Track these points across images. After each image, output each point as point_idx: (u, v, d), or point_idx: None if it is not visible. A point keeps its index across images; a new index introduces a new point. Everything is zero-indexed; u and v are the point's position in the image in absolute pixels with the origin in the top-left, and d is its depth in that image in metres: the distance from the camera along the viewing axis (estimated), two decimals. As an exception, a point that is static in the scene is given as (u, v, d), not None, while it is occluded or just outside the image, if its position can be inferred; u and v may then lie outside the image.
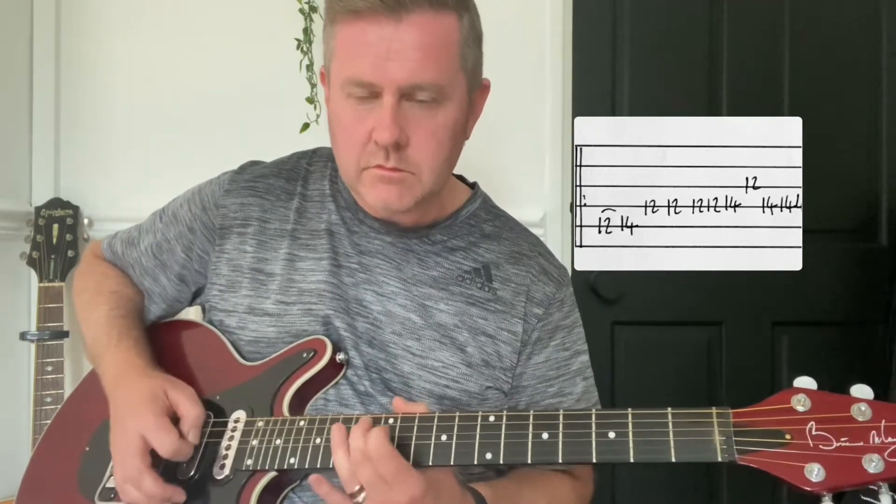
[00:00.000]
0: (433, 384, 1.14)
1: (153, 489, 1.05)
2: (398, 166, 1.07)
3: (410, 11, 1.02)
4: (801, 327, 2.24)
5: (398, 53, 1.03)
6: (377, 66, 1.03)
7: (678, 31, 2.22)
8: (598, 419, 0.92)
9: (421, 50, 1.03)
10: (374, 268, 1.19)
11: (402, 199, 1.09)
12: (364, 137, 1.06)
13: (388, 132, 1.04)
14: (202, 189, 1.30)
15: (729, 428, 0.85)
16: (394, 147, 1.05)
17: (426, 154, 1.08)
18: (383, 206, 1.10)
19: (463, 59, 1.09)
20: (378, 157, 1.07)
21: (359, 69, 1.04)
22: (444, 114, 1.08)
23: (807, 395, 0.83)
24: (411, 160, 1.08)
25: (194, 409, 1.09)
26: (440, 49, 1.05)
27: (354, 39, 1.05)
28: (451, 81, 1.08)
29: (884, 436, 0.79)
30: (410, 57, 1.03)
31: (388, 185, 1.08)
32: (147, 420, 1.07)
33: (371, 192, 1.10)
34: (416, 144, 1.07)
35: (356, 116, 1.07)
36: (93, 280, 1.34)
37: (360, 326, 1.16)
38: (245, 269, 1.21)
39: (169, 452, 1.06)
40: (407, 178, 1.08)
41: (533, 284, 1.20)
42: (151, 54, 2.09)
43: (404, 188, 1.09)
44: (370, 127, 1.05)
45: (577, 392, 1.22)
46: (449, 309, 1.17)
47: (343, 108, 1.09)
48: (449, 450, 0.96)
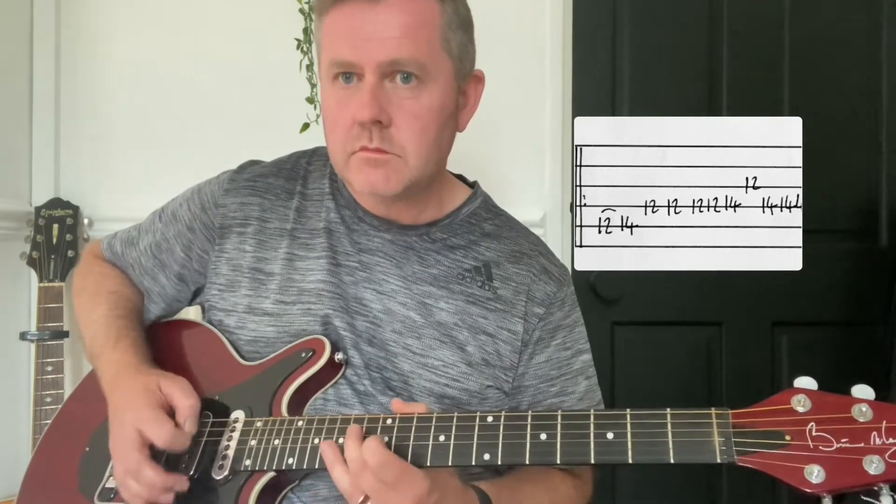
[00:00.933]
0: (433, 383, 1.13)
1: (154, 479, 1.04)
2: (381, 146, 1.07)
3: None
4: (801, 327, 2.24)
5: (377, 32, 1.05)
6: (356, 46, 1.05)
7: (678, 31, 2.22)
8: (597, 420, 0.91)
9: (399, 28, 1.05)
10: (374, 266, 1.18)
11: (388, 181, 1.09)
12: (349, 121, 1.07)
13: (367, 109, 1.04)
14: (202, 188, 1.30)
15: (728, 429, 0.85)
16: (375, 126, 1.06)
17: (410, 135, 1.08)
18: (370, 189, 1.10)
19: (445, 41, 1.10)
20: (363, 139, 1.07)
21: (340, 50, 1.07)
22: (427, 95, 1.08)
23: (807, 395, 0.83)
24: (395, 141, 1.08)
25: (188, 399, 1.09)
26: (419, 28, 1.07)
27: (336, 24, 1.08)
28: (434, 62, 1.08)
29: (885, 437, 0.78)
30: (389, 35, 1.05)
31: (374, 168, 1.08)
32: (141, 413, 1.07)
33: (358, 176, 1.10)
34: (399, 125, 1.07)
35: (341, 102, 1.09)
36: (92, 280, 1.34)
37: (360, 325, 1.16)
38: (244, 269, 1.21)
39: (165, 442, 1.05)
40: (392, 160, 1.08)
41: (534, 284, 1.20)
42: (151, 54, 2.09)
43: (390, 170, 1.09)
44: (354, 110, 1.06)
45: (580, 391, 1.22)
46: (449, 307, 1.17)
47: (329, 94, 1.11)
48: (447, 450, 0.96)
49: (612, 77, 2.22)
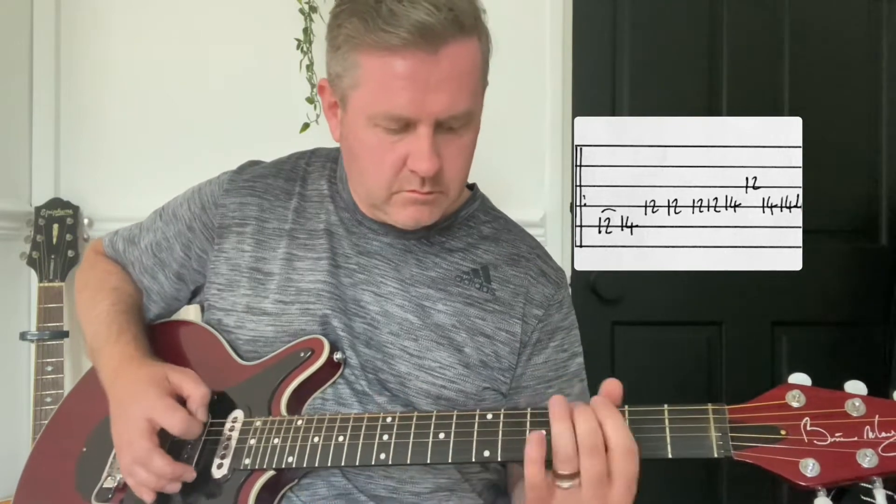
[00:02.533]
0: (430, 384, 1.14)
1: (164, 468, 1.04)
2: (432, 189, 1.09)
3: (447, 43, 1.02)
4: (800, 327, 2.24)
5: (436, 86, 1.03)
6: (415, 101, 1.03)
7: (678, 32, 2.23)
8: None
9: (456, 81, 1.04)
10: (373, 268, 1.19)
11: (432, 215, 1.13)
12: (397, 164, 1.07)
13: (428, 163, 1.05)
14: (202, 188, 1.30)
15: (725, 424, 0.86)
16: (431, 175, 1.07)
17: (456, 174, 1.11)
18: (415, 224, 1.13)
19: (484, 80, 1.12)
20: (413, 184, 1.08)
21: (396, 104, 1.03)
22: (470, 134, 1.11)
23: (801, 391, 0.84)
24: (444, 182, 1.10)
25: (199, 388, 1.09)
26: (470, 76, 1.07)
27: (390, 74, 1.03)
28: (478, 104, 1.11)
29: (878, 431, 0.79)
30: (446, 89, 1.03)
31: (422, 206, 1.11)
32: (152, 402, 1.06)
33: (402, 212, 1.12)
34: (448, 167, 1.09)
35: (386, 144, 1.07)
36: (95, 277, 1.34)
37: (358, 327, 1.16)
38: (243, 269, 1.21)
39: (180, 430, 1.05)
40: (438, 197, 1.12)
41: (532, 286, 1.21)
42: (151, 54, 2.09)
43: (435, 207, 1.12)
44: (403, 154, 1.06)
45: (575, 393, 1.22)
46: (447, 309, 1.17)
47: (369, 135, 1.08)
48: (447, 447, 0.96)
49: (612, 77, 2.22)
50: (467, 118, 1.08)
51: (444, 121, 1.05)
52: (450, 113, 1.05)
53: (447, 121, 1.06)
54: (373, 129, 1.07)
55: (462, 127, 1.08)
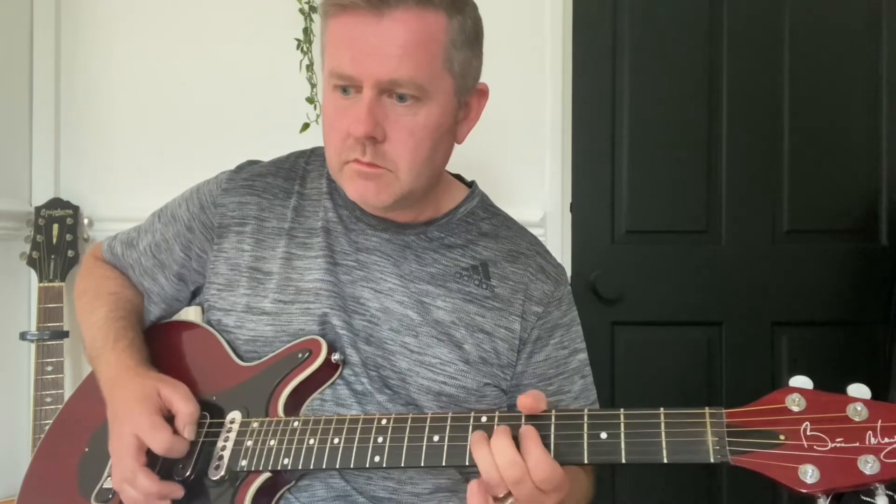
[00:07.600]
0: (430, 381, 1.13)
1: (149, 487, 1.05)
2: (374, 161, 1.08)
3: (394, 8, 1.03)
4: (800, 327, 2.23)
5: (378, 49, 1.04)
6: (356, 60, 1.04)
7: (678, 32, 2.22)
8: (591, 419, 0.91)
9: (401, 47, 1.04)
10: (372, 265, 1.19)
11: (378, 195, 1.10)
12: (344, 131, 1.08)
13: (361, 125, 1.05)
14: (200, 188, 1.30)
15: (722, 428, 0.84)
16: (369, 141, 1.06)
17: (403, 151, 1.08)
18: (361, 200, 1.12)
19: (448, 60, 1.09)
20: (356, 152, 1.08)
21: (340, 62, 1.06)
22: (425, 113, 1.08)
23: (801, 394, 0.82)
24: (388, 157, 1.08)
25: (188, 405, 1.09)
26: (421, 47, 1.05)
27: (340, 33, 1.07)
28: (433, 81, 1.08)
29: (880, 436, 0.77)
30: (389, 53, 1.04)
31: (366, 181, 1.09)
32: (140, 420, 1.07)
33: (350, 185, 1.11)
34: (393, 141, 1.08)
35: (339, 110, 1.09)
36: (93, 282, 1.34)
37: (358, 324, 1.16)
38: (243, 268, 1.21)
39: (163, 449, 1.06)
40: (384, 174, 1.09)
41: (531, 283, 1.20)
42: (151, 55, 2.09)
43: (381, 185, 1.10)
44: (350, 122, 1.06)
45: (576, 390, 1.22)
46: (446, 305, 1.17)
47: (329, 101, 1.11)
48: (441, 450, 0.96)
49: (612, 78, 2.21)
50: (416, 90, 1.06)
51: (385, 86, 1.05)
52: (390, 76, 1.04)
53: (390, 87, 1.05)
54: (332, 93, 1.10)
55: (414, 102, 1.07)
